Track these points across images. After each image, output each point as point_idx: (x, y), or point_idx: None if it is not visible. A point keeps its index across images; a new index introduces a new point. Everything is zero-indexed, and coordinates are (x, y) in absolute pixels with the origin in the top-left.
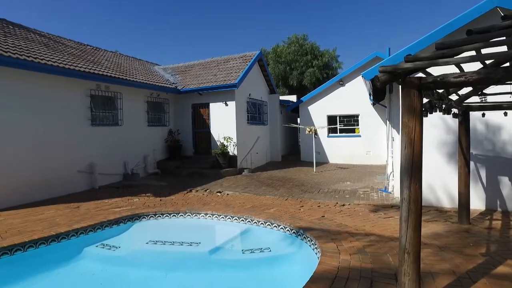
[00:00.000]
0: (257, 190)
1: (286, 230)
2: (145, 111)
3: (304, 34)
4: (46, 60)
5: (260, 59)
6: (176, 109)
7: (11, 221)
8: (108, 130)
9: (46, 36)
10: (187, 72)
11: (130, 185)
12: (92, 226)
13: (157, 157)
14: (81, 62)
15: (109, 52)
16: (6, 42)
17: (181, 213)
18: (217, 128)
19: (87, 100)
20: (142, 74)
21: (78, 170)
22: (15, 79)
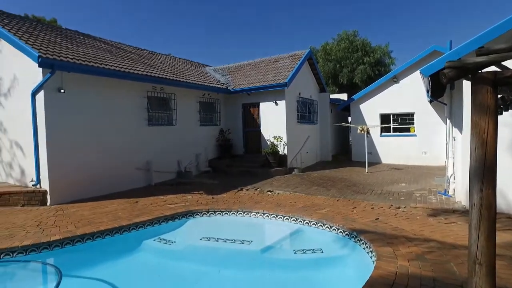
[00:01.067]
0: (308, 190)
1: (339, 231)
2: (197, 111)
3: (355, 30)
4: (110, 66)
5: (309, 57)
6: (226, 109)
7: (82, 213)
8: (163, 129)
9: (109, 43)
10: (237, 73)
11: (183, 183)
12: (150, 221)
13: (209, 155)
14: (140, 65)
15: (163, 55)
16: (78, 51)
17: (233, 211)
18: (267, 128)
19: (144, 101)
20: (194, 75)
21: (136, 168)
22: (84, 83)
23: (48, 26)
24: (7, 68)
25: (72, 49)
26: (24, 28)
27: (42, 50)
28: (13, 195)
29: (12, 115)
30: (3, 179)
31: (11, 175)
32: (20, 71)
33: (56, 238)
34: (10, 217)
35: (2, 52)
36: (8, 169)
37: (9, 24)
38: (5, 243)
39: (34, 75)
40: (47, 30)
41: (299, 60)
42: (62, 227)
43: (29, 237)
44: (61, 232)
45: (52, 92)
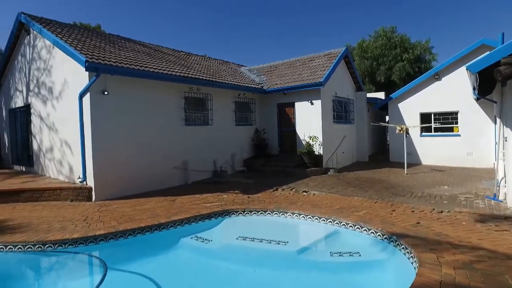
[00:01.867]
0: (344, 191)
1: (377, 235)
2: (233, 111)
3: (393, 26)
4: (149, 68)
5: (345, 55)
6: (262, 108)
7: (123, 209)
8: (200, 129)
9: (147, 46)
10: (272, 72)
11: (219, 182)
12: (187, 219)
13: (244, 155)
14: (177, 67)
15: (199, 57)
16: (120, 55)
17: (268, 211)
18: (303, 127)
19: (182, 101)
20: (230, 76)
21: (174, 167)
22: (126, 85)
23: (94, 32)
24: (59, 73)
25: (115, 52)
26: (74, 35)
27: (89, 55)
28: (64, 191)
29: (62, 116)
30: (54, 176)
31: (61, 172)
32: (70, 75)
33: (101, 233)
34: (61, 211)
35: (55, 58)
36: (59, 166)
37: (61, 33)
38: (58, 235)
39: (82, 79)
40: (92, 36)
41: (334, 58)
42: (106, 222)
43: (77, 230)
44: (105, 227)
45: (97, 94)
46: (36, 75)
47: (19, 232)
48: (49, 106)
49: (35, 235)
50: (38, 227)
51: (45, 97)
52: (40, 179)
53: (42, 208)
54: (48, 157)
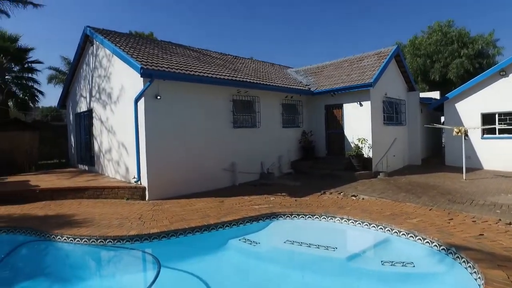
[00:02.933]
0: (396, 196)
1: (433, 245)
2: (280, 113)
3: (449, 20)
4: (199, 72)
5: (397, 54)
6: (309, 110)
7: (174, 209)
8: (247, 132)
9: (197, 51)
10: (319, 74)
11: (266, 184)
12: (236, 221)
13: (291, 157)
14: (225, 70)
15: (246, 59)
16: (171, 61)
17: (316, 215)
18: (351, 129)
19: (230, 104)
20: (277, 78)
21: (223, 168)
22: (177, 90)
23: (147, 40)
24: (117, 79)
25: (167, 58)
26: (130, 44)
27: (143, 62)
28: (120, 190)
29: (120, 119)
30: (112, 175)
31: (118, 172)
32: (127, 81)
33: (155, 231)
34: (118, 208)
35: (114, 66)
36: (116, 167)
37: (119, 42)
38: (117, 231)
39: (137, 84)
40: (147, 43)
41: (385, 58)
42: (159, 221)
43: (133, 228)
44: (158, 226)
45: (151, 99)
46: (98, 82)
47: (85, 227)
48: (108, 110)
49: (98, 230)
50: (100, 223)
51: (105, 102)
52: (100, 178)
53: (102, 205)
54: (107, 158)
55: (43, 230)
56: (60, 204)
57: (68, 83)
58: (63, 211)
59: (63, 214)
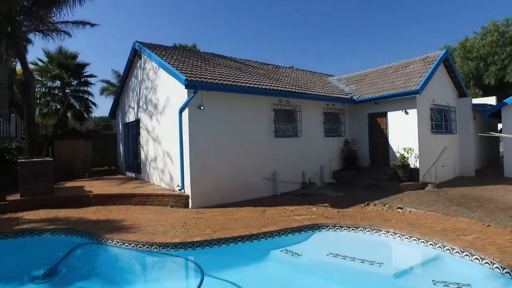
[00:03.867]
0: (446, 210)
1: (495, 267)
2: (321, 122)
3: (508, 18)
4: (241, 83)
5: (445, 58)
6: (351, 119)
7: (217, 218)
8: (289, 141)
9: (238, 61)
10: (361, 81)
11: (307, 194)
12: (278, 231)
13: (333, 167)
14: (267, 80)
15: (287, 69)
16: (214, 72)
17: (360, 228)
18: (396, 138)
19: (272, 114)
20: (318, 86)
21: (264, 178)
22: (219, 100)
23: (191, 52)
24: (163, 91)
25: (210, 70)
26: (175, 57)
27: (188, 74)
28: (165, 197)
29: (165, 129)
30: (157, 183)
31: (163, 179)
32: (172, 93)
33: (198, 239)
34: (163, 215)
35: (160, 78)
36: (161, 175)
37: (165, 55)
38: (162, 238)
39: (182, 95)
40: (190, 55)
41: (432, 63)
42: (201, 229)
43: (177, 235)
44: (201, 234)
45: (194, 109)
46: (145, 93)
47: (132, 232)
48: (154, 121)
49: (144, 236)
50: (146, 229)
51: (151, 113)
52: (146, 185)
53: (148, 211)
54: (152, 166)
55: (96, 233)
56: (110, 209)
57: (118, 95)
58: (112, 216)
59: (113, 219)
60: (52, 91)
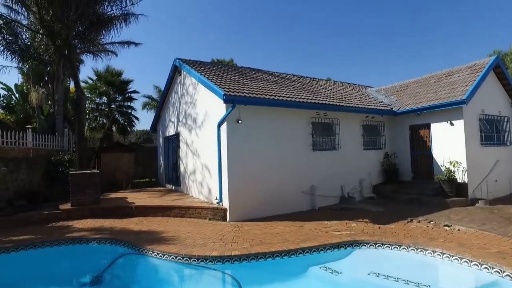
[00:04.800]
0: (503, 230)
1: None
2: (360, 135)
3: None
4: (278, 96)
5: (496, 65)
6: (391, 131)
7: (254, 232)
8: (327, 154)
9: (275, 75)
10: (401, 92)
11: (346, 208)
12: (316, 247)
13: (373, 180)
14: (303, 93)
15: (324, 81)
16: (251, 86)
17: (403, 246)
18: (441, 151)
19: (309, 127)
20: (356, 99)
21: (302, 191)
22: (257, 114)
23: (229, 67)
24: (202, 105)
25: (247, 84)
26: (213, 72)
27: (226, 89)
28: (203, 210)
29: (204, 143)
30: (196, 195)
31: (201, 192)
32: (210, 107)
33: (236, 253)
34: (202, 228)
35: (199, 93)
36: (199, 187)
37: (204, 71)
38: (200, 251)
39: (220, 110)
40: (228, 70)
41: (480, 71)
42: (239, 243)
43: (216, 248)
44: (239, 248)
45: (232, 123)
46: (184, 108)
47: (172, 244)
48: (193, 134)
49: (184, 249)
50: (185, 241)
51: (191, 127)
52: (185, 198)
53: (187, 224)
54: (191, 179)
55: (138, 244)
56: (151, 220)
57: (159, 110)
58: (153, 228)
59: (153, 230)
60: (100, 106)
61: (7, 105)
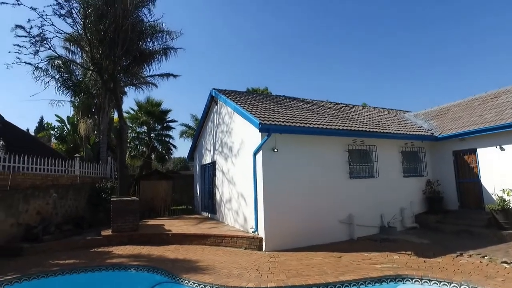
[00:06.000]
0: None
1: None
2: (399, 162)
3: None
4: (314, 124)
5: None
6: (433, 157)
7: (291, 262)
8: (364, 182)
9: (310, 102)
10: (442, 116)
11: (387, 239)
12: (356, 281)
13: (415, 210)
14: (339, 120)
15: (359, 107)
16: (286, 114)
17: (454, 284)
18: (490, 178)
19: (345, 154)
20: (394, 124)
21: (339, 221)
22: (292, 142)
23: (263, 96)
24: (237, 134)
25: (282, 112)
26: (249, 101)
27: (261, 118)
28: (239, 239)
29: (239, 171)
30: (231, 224)
31: (237, 221)
32: (246, 136)
33: (272, 285)
34: (237, 258)
35: (235, 122)
36: (235, 216)
37: (239, 100)
38: (236, 281)
39: (255, 138)
40: (263, 99)
41: None
42: (275, 274)
43: (251, 279)
44: (275, 280)
45: (268, 152)
46: (220, 136)
47: (207, 274)
48: (229, 163)
49: (219, 279)
50: (220, 271)
51: (226, 155)
52: (221, 226)
53: (222, 253)
54: (227, 207)
55: (174, 273)
56: (186, 248)
57: (196, 139)
58: (189, 256)
59: (189, 259)
60: (140, 135)
61: (60, 136)
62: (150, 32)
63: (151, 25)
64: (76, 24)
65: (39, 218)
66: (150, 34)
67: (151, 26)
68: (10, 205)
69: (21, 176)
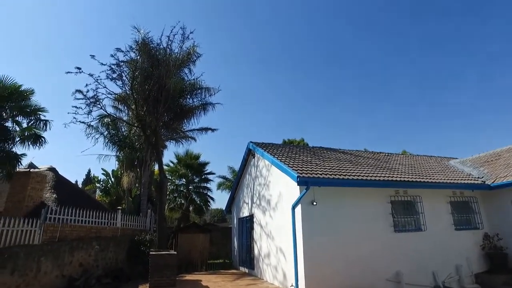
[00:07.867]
0: None
1: None
2: (449, 213)
3: None
4: (353, 176)
5: None
6: (488, 207)
7: None
8: (411, 236)
9: (348, 153)
10: (493, 163)
11: None
12: None
13: (473, 268)
14: (379, 170)
15: (400, 156)
16: (325, 166)
17: None
18: None
19: (388, 206)
20: (439, 172)
21: (386, 279)
22: (331, 195)
23: (300, 148)
24: (275, 187)
25: (320, 164)
26: (286, 154)
27: (299, 171)
28: None
29: (278, 225)
30: (270, 280)
31: (276, 277)
32: (284, 189)
33: None
34: None
35: (273, 175)
36: (274, 272)
37: (276, 153)
38: None
39: (294, 191)
40: (300, 151)
41: None
42: None
43: None
44: None
45: (307, 205)
46: (258, 189)
47: None
48: (267, 216)
49: None
50: None
51: (264, 208)
52: (260, 283)
53: None
54: (265, 262)
55: None
56: None
57: (233, 192)
58: None
59: None
60: (179, 188)
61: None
62: (190, 89)
63: (191, 83)
64: (124, 86)
65: (81, 270)
66: (190, 91)
67: (191, 83)
68: (57, 256)
69: (69, 228)
